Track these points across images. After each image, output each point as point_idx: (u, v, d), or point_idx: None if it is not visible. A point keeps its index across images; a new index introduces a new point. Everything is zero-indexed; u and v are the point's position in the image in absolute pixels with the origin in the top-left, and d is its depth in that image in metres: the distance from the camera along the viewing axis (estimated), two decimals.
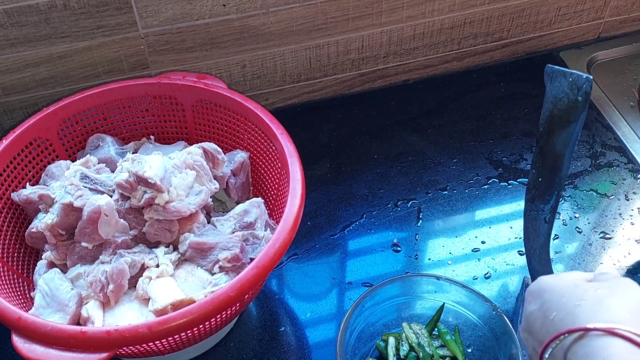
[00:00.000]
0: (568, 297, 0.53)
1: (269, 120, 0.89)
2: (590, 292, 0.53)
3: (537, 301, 0.56)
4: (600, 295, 0.52)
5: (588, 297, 0.52)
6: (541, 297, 0.56)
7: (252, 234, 0.82)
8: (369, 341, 0.85)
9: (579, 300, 0.52)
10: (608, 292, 0.52)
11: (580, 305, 0.51)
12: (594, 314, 0.50)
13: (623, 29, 1.31)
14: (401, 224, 1.02)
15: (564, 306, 0.53)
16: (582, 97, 0.59)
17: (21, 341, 0.67)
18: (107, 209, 0.78)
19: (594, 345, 0.48)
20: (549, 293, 0.55)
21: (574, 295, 0.53)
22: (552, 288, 0.56)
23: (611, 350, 0.47)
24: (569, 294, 0.54)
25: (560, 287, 0.55)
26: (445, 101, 1.22)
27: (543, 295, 0.56)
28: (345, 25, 1.10)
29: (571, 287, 0.55)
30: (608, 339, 0.48)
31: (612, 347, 0.47)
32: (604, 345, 0.48)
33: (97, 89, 0.93)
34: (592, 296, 0.52)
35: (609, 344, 0.47)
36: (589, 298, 0.52)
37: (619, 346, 0.47)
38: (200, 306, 0.68)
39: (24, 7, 0.92)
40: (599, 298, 0.51)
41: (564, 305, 0.53)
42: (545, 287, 0.56)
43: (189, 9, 1.00)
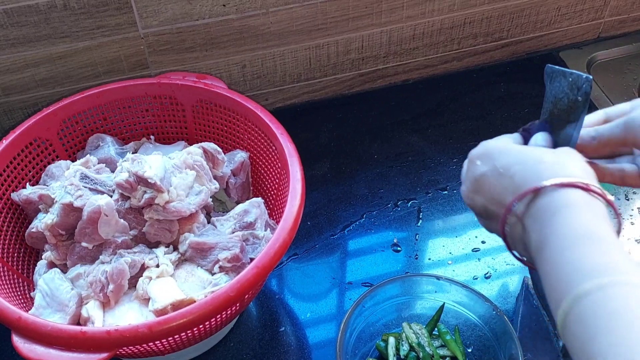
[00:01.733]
0: (528, 157, 0.57)
1: (269, 120, 0.89)
2: (549, 154, 0.57)
3: (487, 162, 0.59)
4: (558, 157, 0.56)
5: (548, 157, 0.56)
6: (493, 160, 0.59)
7: (252, 234, 0.82)
8: (369, 341, 0.85)
9: (540, 159, 0.56)
10: (564, 155, 0.57)
11: (543, 163, 0.55)
12: (556, 171, 0.54)
13: (623, 29, 1.31)
14: (401, 224, 1.02)
15: (525, 164, 0.56)
16: (582, 97, 0.59)
17: (21, 341, 0.67)
18: (107, 209, 0.78)
19: (555, 195, 0.53)
20: (502, 154, 0.58)
21: (533, 156, 0.57)
22: (503, 150, 0.59)
23: (572, 197, 0.52)
24: (527, 154, 0.57)
25: (514, 149, 0.59)
26: (445, 101, 1.22)
27: (495, 157, 0.58)
28: (345, 25, 1.10)
29: (528, 149, 0.59)
30: (567, 190, 0.53)
31: (572, 195, 0.52)
32: (564, 195, 0.52)
33: (97, 89, 0.93)
34: (550, 157, 0.56)
35: (569, 193, 0.52)
36: (549, 158, 0.56)
37: (577, 195, 0.52)
38: (200, 306, 0.68)
39: (24, 7, 0.92)
40: (557, 159, 0.56)
41: (524, 163, 0.56)
42: (495, 149, 0.59)
43: (189, 9, 1.00)
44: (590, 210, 0.52)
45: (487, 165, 0.59)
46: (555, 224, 0.52)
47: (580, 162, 0.56)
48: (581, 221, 0.51)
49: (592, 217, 0.51)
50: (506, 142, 0.61)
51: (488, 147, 0.61)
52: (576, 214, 0.51)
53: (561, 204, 0.52)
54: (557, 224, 0.52)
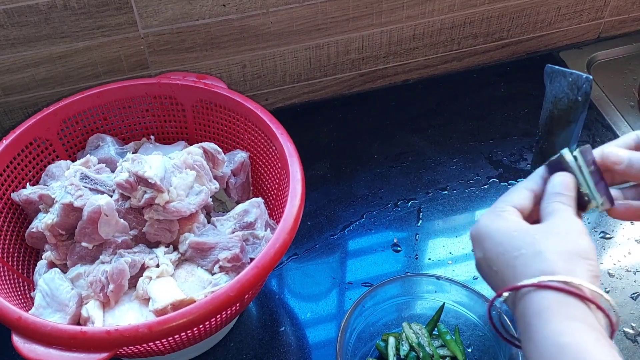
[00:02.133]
0: (505, 249, 0.54)
1: (269, 120, 0.89)
2: (528, 240, 0.53)
3: (479, 248, 0.57)
4: (537, 242, 0.52)
5: (525, 246, 0.52)
6: (482, 245, 0.56)
7: (252, 234, 0.83)
8: (369, 341, 0.85)
9: (517, 251, 0.52)
10: (544, 237, 0.52)
11: (519, 257, 0.52)
12: (530, 266, 0.51)
13: (623, 29, 1.31)
14: (401, 224, 1.02)
15: (503, 259, 0.53)
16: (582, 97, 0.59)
17: (21, 341, 0.67)
18: (107, 209, 0.78)
19: (527, 300, 0.50)
20: (487, 241, 0.56)
21: (510, 246, 0.53)
22: (490, 235, 0.56)
23: (542, 302, 0.49)
24: (505, 245, 0.54)
25: (498, 234, 0.55)
26: (445, 101, 1.22)
27: (483, 243, 0.56)
28: (345, 25, 1.10)
29: (508, 236, 0.55)
30: (539, 292, 0.49)
31: (543, 300, 0.49)
32: (534, 299, 0.49)
33: (97, 89, 0.93)
34: (529, 244, 0.52)
35: (539, 297, 0.49)
36: (526, 247, 0.52)
37: (548, 298, 0.49)
38: (200, 306, 0.68)
39: (24, 7, 0.92)
40: (536, 247, 0.52)
41: (502, 257, 0.54)
42: (484, 233, 0.57)
43: (189, 9, 1.00)
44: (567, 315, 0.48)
45: (480, 252, 0.57)
46: (530, 336, 0.49)
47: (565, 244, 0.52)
48: (556, 334, 0.47)
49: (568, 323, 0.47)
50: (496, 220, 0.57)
51: (479, 228, 0.58)
52: (549, 322, 0.48)
53: (534, 310, 0.49)
54: (531, 336, 0.49)
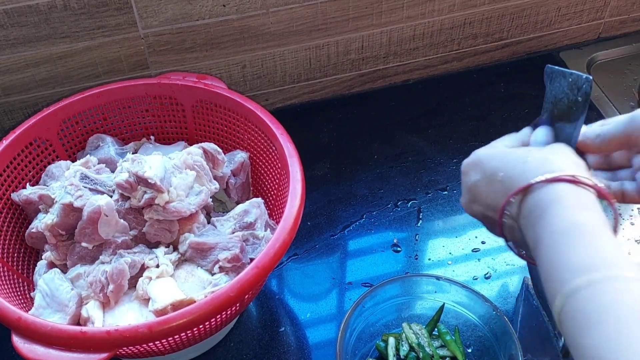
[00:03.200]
0: (513, 158, 0.57)
1: (269, 121, 0.89)
2: (534, 152, 0.57)
3: (477, 171, 0.60)
4: (543, 154, 0.56)
5: (532, 155, 0.56)
6: (482, 166, 0.59)
7: (252, 234, 0.82)
8: (369, 341, 0.85)
9: (524, 159, 0.56)
10: (549, 151, 0.57)
11: (527, 162, 0.55)
12: (542, 168, 0.54)
13: (623, 29, 1.31)
14: (401, 224, 1.02)
15: (510, 165, 0.56)
16: (582, 97, 0.59)
17: (21, 341, 0.67)
18: (107, 209, 0.78)
19: (543, 192, 0.53)
20: (490, 160, 0.59)
21: (518, 157, 0.57)
22: (491, 155, 0.59)
23: (559, 192, 0.52)
24: (512, 156, 0.58)
25: (500, 152, 0.59)
26: (445, 101, 1.22)
27: (484, 163, 0.59)
28: (345, 25, 1.10)
29: (512, 151, 0.59)
30: (554, 185, 0.52)
31: (559, 190, 0.52)
32: (551, 190, 0.52)
33: (97, 89, 0.93)
34: (536, 155, 0.56)
35: (555, 188, 0.52)
36: (533, 156, 0.56)
37: (562, 189, 0.52)
38: (200, 306, 0.68)
39: (24, 7, 0.92)
40: (542, 156, 0.56)
41: (509, 164, 0.57)
42: (484, 156, 0.60)
43: (189, 9, 1.00)
44: (579, 203, 0.51)
45: (478, 173, 0.60)
46: (544, 221, 0.52)
47: (567, 155, 0.56)
48: (569, 215, 0.50)
49: (581, 209, 0.51)
50: (495, 147, 0.61)
51: (477, 154, 0.61)
52: (564, 208, 0.51)
53: (549, 200, 0.52)
54: (546, 221, 0.52)
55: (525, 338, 0.81)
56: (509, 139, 0.63)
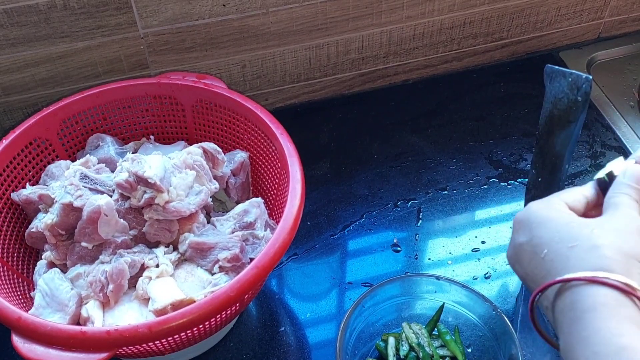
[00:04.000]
0: (560, 237, 0.51)
1: (269, 120, 0.89)
2: (585, 232, 0.50)
3: (526, 233, 0.54)
4: (595, 237, 0.49)
5: (582, 238, 0.49)
6: (531, 230, 0.53)
7: (252, 234, 0.82)
8: (368, 341, 0.85)
9: (573, 242, 0.49)
10: (603, 233, 0.49)
11: (574, 249, 0.49)
12: (586, 260, 0.48)
13: (623, 29, 1.31)
14: (401, 224, 1.02)
15: (556, 247, 0.50)
16: (581, 97, 0.59)
17: (21, 341, 0.67)
18: (107, 209, 0.78)
19: (580, 293, 0.47)
20: (540, 227, 0.53)
21: (567, 235, 0.50)
22: (543, 221, 0.53)
23: (598, 298, 0.46)
24: (561, 233, 0.51)
25: (553, 222, 0.52)
26: (445, 101, 1.22)
27: (533, 228, 0.53)
28: (345, 25, 1.10)
29: (564, 225, 0.52)
30: (594, 287, 0.46)
31: (598, 296, 0.46)
32: (589, 293, 0.46)
33: (97, 89, 0.93)
34: (586, 237, 0.49)
35: (593, 293, 0.46)
36: (582, 240, 0.49)
37: (605, 294, 0.46)
38: (200, 306, 0.68)
39: (24, 7, 0.92)
40: (593, 242, 0.49)
41: (556, 245, 0.50)
42: (536, 220, 0.53)
43: (189, 9, 1.00)
44: (624, 317, 0.45)
45: (525, 236, 0.54)
46: (581, 332, 0.45)
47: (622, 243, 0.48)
48: (614, 334, 0.44)
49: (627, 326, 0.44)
50: (550, 208, 0.54)
51: (530, 212, 0.55)
52: (605, 321, 0.44)
53: (587, 305, 0.46)
54: (583, 332, 0.45)
55: (525, 338, 0.81)
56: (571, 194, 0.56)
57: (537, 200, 0.56)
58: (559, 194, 0.56)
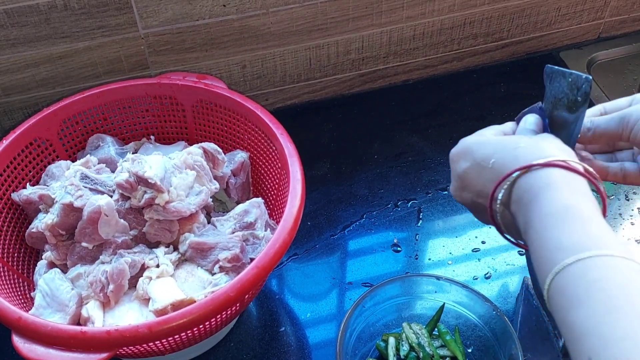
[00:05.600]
0: (504, 145, 0.58)
1: (269, 121, 0.89)
2: (525, 139, 0.58)
3: (467, 158, 0.60)
4: (534, 141, 0.57)
5: (524, 142, 0.57)
6: (472, 154, 0.60)
7: (252, 234, 0.83)
8: (369, 341, 0.85)
9: (516, 145, 0.57)
10: (540, 138, 0.59)
11: (519, 148, 0.56)
12: (534, 153, 0.55)
13: (623, 29, 1.31)
14: (401, 224, 1.02)
15: (502, 152, 0.57)
16: (581, 97, 0.59)
17: (21, 341, 0.67)
18: (107, 209, 0.78)
19: (535, 177, 0.54)
20: (480, 147, 0.60)
21: (509, 144, 0.58)
22: (481, 143, 0.60)
23: (551, 177, 0.53)
24: (504, 142, 0.58)
25: (491, 140, 0.60)
26: (445, 101, 1.22)
27: (474, 151, 0.60)
28: (345, 25, 1.10)
29: (503, 138, 0.60)
30: (546, 169, 0.53)
31: (551, 175, 0.53)
32: (543, 174, 0.53)
33: (97, 89, 0.93)
34: (527, 142, 0.57)
35: (548, 173, 0.53)
36: (525, 143, 0.57)
37: (556, 173, 0.53)
38: (200, 306, 0.68)
39: (24, 7, 0.92)
40: (534, 142, 0.57)
41: (501, 151, 0.57)
42: (473, 144, 0.61)
43: (189, 9, 1.00)
44: (570, 187, 0.52)
45: (468, 161, 0.60)
46: (536, 205, 0.52)
47: (557, 143, 0.57)
48: (560, 199, 0.51)
49: (572, 194, 0.52)
50: (484, 135, 0.62)
51: (466, 142, 0.62)
52: (556, 192, 0.52)
53: (541, 184, 0.53)
54: (538, 205, 0.52)
55: (525, 338, 0.81)
56: (495, 128, 0.64)
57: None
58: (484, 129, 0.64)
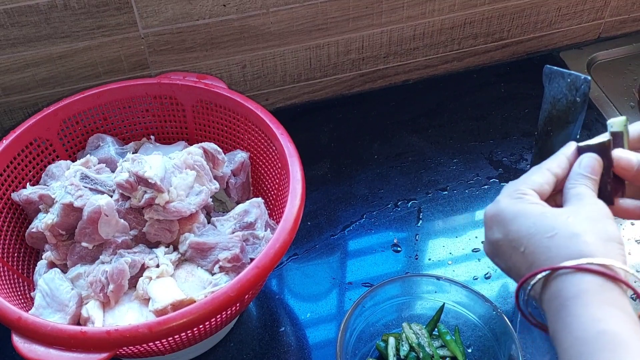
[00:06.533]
0: (537, 229, 0.51)
1: (269, 121, 0.89)
2: (561, 221, 0.50)
3: (500, 229, 0.54)
4: (572, 225, 0.50)
5: (559, 227, 0.50)
6: (505, 226, 0.53)
7: (252, 234, 0.83)
8: (369, 341, 0.85)
9: (551, 232, 0.50)
10: (578, 221, 0.50)
11: (553, 238, 0.49)
12: (568, 248, 0.48)
13: (623, 29, 1.31)
14: (401, 224, 1.02)
15: (534, 239, 0.50)
16: (580, 97, 0.59)
17: (21, 341, 0.67)
18: (107, 209, 0.78)
19: (564, 282, 0.48)
20: (513, 222, 0.53)
21: (542, 227, 0.50)
22: (516, 216, 0.53)
23: (582, 285, 0.47)
24: (537, 225, 0.51)
25: (525, 215, 0.52)
26: (445, 101, 1.22)
27: (507, 224, 0.53)
28: (345, 25, 1.10)
29: (538, 216, 0.52)
30: (578, 275, 0.47)
31: (582, 283, 0.47)
32: (573, 281, 0.47)
33: (97, 89, 0.93)
34: (563, 226, 0.50)
35: (578, 280, 0.47)
36: (560, 229, 0.50)
37: (588, 281, 0.47)
38: (200, 306, 0.68)
39: (24, 7, 0.92)
40: (571, 229, 0.49)
41: (533, 238, 0.51)
42: (508, 215, 0.53)
43: (189, 9, 1.00)
44: (605, 301, 0.46)
45: (500, 232, 0.54)
46: (565, 319, 0.46)
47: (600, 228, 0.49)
48: (595, 319, 0.45)
49: (608, 310, 0.45)
50: (520, 202, 0.54)
51: (500, 209, 0.55)
52: (588, 307, 0.45)
53: (572, 293, 0.47)
54: (566, 319, 0.46)
55: (525, 338, 0.81)
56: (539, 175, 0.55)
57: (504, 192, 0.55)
58: (526, 177, 0.56)
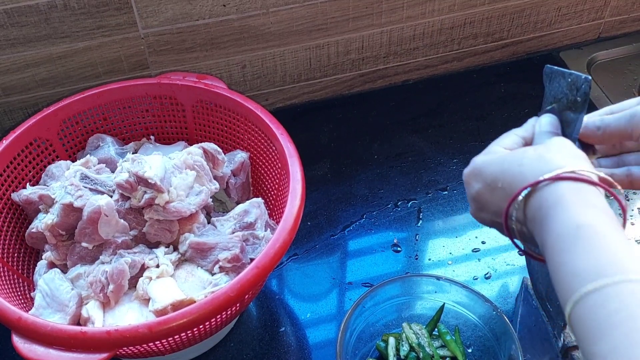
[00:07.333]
0: (509, 163, 0.56)
1: (269, 121, 0.89)
2: (529, 153, 0.55)
3: (478, 180, 0.59)
4: (539, 153, 0.55)
5: (528, 157, 0.55)
6: (481, 175, 0.58)
7: (252, 234, 0.83)
8: (369, 341, 0.85)
9: (520, 161, 0.55)
10: (545, 149, 0.55)
11: (523, 165, 0.54)
12: (539, 168, 0.53)
13: (623, 29, 1.31)
14: (401, 224, 1.02)
15: (507, 172, 0.55)
16: (581, 97, 0.59)
17: (21, 341, 0.68)
18: (107, 209, 0.78)
19: (544, 194, 0.51)
20: (487, 167, 0.58)
21: (513, 161, 0.55)
22: (489, 162, 0.58)
23: (559, 192, 0.51)
24: (508, 160, 0.56)
25: (497, 158, 0.58)
26: (445, 101, 1.22)
27: (483, 171, 0.58)
28: (345, 25, 1.10)
29: (508, 155, 0.57)
30: (555, 184, 0.51)
31: (559, 190, 0.51)
32: (552, 190, 0.51)
33: (97, 89, 0.93)
34: (531, 155, 0.55)
35: (556, 188, 0.51)
36: (528, 158, 0.55)
37: (564, 187, 0.51)
38: (200, 306, 0.68)
39: (24, 7, 0.92)
40: (538, 155, 0.54)
41: (506, 170, 0.55)
42: (481, 164, 0.59)
43: (189, 9, 1.00)
44: (582, 201, 0.50)
45: (479, 182, 0.59)
46: (548, 225, 0.50)
47: (564, 149, 0.55)
48: (573, 216, 0.49)
49: (585, 208, 0.49)
50: (491, 152, 0.60)
51: (475, 163, 0.60)
52: (566, 208, 0.49)
53: (551, 201, 0.51)
54: (549, 225, 0.50)
55: (525, 338, 0.81)
56: (507, 138, 0.62)
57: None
58: (495, 141, 0.62)
